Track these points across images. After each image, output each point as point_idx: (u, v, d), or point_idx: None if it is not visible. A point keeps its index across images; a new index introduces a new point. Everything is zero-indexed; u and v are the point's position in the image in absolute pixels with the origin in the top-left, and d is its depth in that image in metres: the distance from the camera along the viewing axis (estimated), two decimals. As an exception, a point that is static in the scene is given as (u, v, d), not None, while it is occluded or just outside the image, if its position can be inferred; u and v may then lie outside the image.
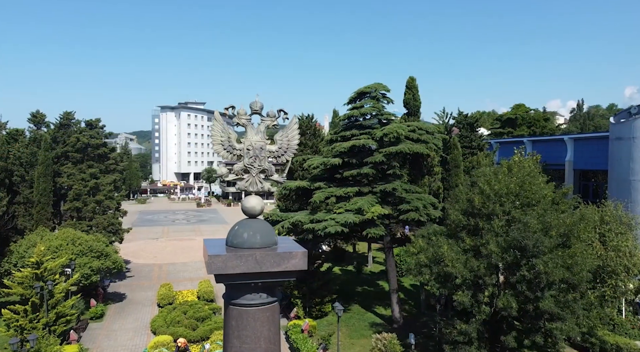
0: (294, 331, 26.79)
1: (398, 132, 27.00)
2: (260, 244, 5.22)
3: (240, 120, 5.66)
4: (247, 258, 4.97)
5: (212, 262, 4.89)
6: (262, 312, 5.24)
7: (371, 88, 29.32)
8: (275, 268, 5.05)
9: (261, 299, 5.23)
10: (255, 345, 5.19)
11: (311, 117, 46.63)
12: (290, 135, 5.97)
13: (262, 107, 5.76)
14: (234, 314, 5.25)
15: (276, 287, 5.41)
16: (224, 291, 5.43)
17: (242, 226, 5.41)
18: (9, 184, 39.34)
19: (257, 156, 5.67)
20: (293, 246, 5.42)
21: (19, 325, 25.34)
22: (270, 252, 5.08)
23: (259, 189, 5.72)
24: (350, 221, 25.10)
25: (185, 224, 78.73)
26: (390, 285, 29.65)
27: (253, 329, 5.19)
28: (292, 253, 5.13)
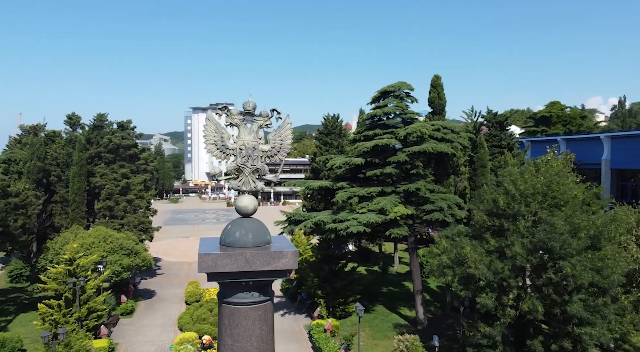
0: (317, 330, 26.85)
1: (421, 131, 26.67)
2: (252, 243, 5.27)
3: (233, 120, 5.74)
4: (237, 257, 5.03)
5: (202, 261, 4.98)
6: (254, 311, 5.29)
7: (394, 87, 29.07)
8: (265, 267, 5.10)
9: (253, 298, 5.29)
10: (247, 343, 5.25)
11: (336, 117, 46.58)
12: (283, 135, 6.00)
13: (254, 107, 5.82)
14: (226, 312, 5.33)
15: (269, 286, 5.46)
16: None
17: (234, 225, 5.49)
18: (47, 183, 41.09)
19: (250, 156, 5.73)
20: (285, 245, 5.45)
21: (54, 319, 26.42)
22: (260, 252, 5.13)
23: (252, 189, 5.78)
24: (372, 221, 24.97)
25: (215, 223, 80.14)
26: (415, 286, 29.32)
27: (245, 327, 5.25)
28: (282, 252, 5.16)
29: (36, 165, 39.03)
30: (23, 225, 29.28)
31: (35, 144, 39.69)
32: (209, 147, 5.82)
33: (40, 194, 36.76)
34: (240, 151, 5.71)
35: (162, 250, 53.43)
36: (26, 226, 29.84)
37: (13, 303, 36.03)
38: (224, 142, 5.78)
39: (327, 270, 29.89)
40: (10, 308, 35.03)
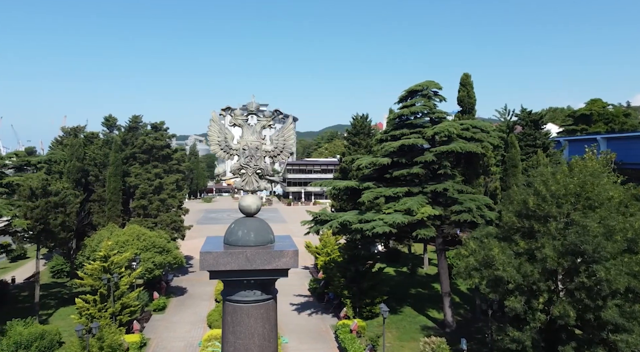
0: (343, 330, 26.83)
1: (449, 130, 26.23)
2: (254, 242, 5.35)
3: (237, 120, 5.84)
4: (238, 255, 5.12)
5: (203, 259, 5.10)
6: (256, 309, 5.37)
7: (422, 86, 28.70)
8: (265, 266, 5.17)
9: (255, 296, 5.37)
10: (249, 341, 5.34)
11: (365, 117, 46.36)
12: (286, 135, 6.06)
13: (258, 107, 5.90)
14: (229, 310, 5.44)
15: (271, 285, 5.53)
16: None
17: (237, 224, 5.59)
18: (85, 183, 42.77)
19: (253, 156, 5.82)
20: (287, 244, 5.51)
21: (90, 313, 27.51)
22: (261, 250, 5.20)
23: (255, 188, 5.87)
24: (398, 221, 24.74)
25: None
26: (443, 288, 28.87)
27: (247, 325, 5.34)
28: (283, 252, 5.22)
29: (75, 165, 40.68)
30: (62, 223, 30.56)
31: (74, 145, 41.37)
32: (212, 147, 5.94)
33: (78, 193, 38.26)
34: (243, 151, 5.80)
35: (195, 248, 54.51)
36: (65, 224, 31.13)
37: (54, 297, 37.68)
38: (227, 142, 5.89)
39: (353, 270, 29.82)
40: (52, 302, 36.66)
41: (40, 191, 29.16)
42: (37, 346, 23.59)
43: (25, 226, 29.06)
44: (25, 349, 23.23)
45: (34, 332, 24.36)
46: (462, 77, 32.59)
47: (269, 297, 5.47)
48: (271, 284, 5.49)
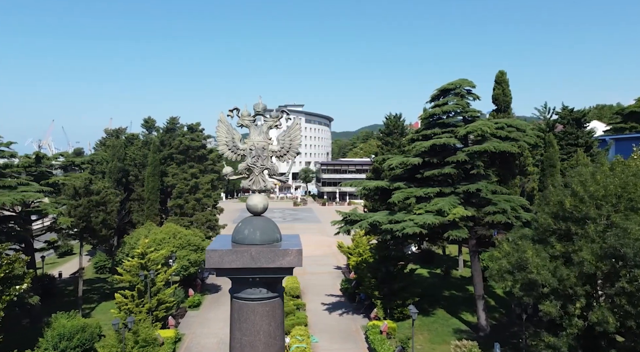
0: (373, 331, 26.69)
1: (483, 129, 25.62)
2: (260, 240, 5.45)
3: (244, 121, 5.94)
4: (243, 254, 5.23)
5: (209, 257, 5.24)
6: (262, 307, 5.47)
7: (455, 84, 28.16)
8: (270, 264, 5.25)
9: (261, 294, 5.46)
10: (254, 338, 5.44)
11: (398, 117, 45.90)
12: (292, 136, 6.12)
13: (264, 108, 5.98)
14: (236, 307, 5.56)
15: (277, 283, 5.61)
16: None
17: (244, 223, 5.70)
18: (126, 182, 44.44)
19: (260, 156, 5.91)
20: (293, 243, 5.57)
21: (128, 308, 28.59)
22: (265, 249, 5.29)
23: (262, 188, 5.97)
24: (429, 222, 24.38)
25: (280, 222, 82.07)
26: (476, 290, 28.23)
27: (252, 322, 5.44)
28: (287, 250, 5.29)
29: (116, 165, 42.34)
30: (103, 220, 31.88)
31: (116, 146, 43.06)
32: (220, 147, 6.08)
33: (119, 192, 39.81)
34: (250, 151, 5.91)
35: (230, 247, 55.75)
36: (106, 222, 32.45)
37: (97, 292, 39.37)
38: (235, 142, 6.01)
39: (384, 271, 29.60)
40: (94, 297, 38.32)
41: (83, 190, 30.53)
42: (78, 338, 24.69)
43: (69, 223, 30.52)
44: (68, 340, 24.35)
45: (76, 325, 25.50)
46: (497, 74, 31.75)
47: (275, 295, 5.56)
48: (277, 282, 5.57)
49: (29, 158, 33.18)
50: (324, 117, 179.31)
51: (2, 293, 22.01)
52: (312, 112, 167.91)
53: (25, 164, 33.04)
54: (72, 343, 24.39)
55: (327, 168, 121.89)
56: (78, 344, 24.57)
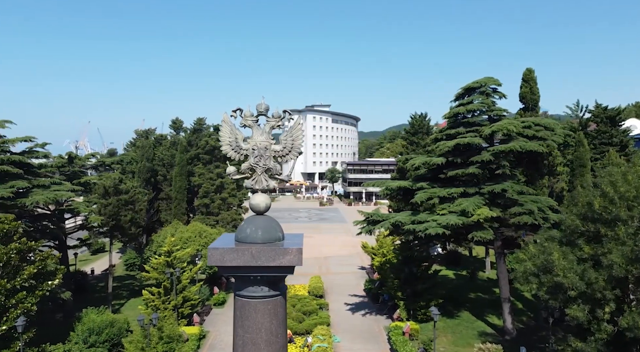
0: (395, 332, 26.49)
1: (509, 129, 25.07)
2: (262, 239, 5.52)
3: (246, 121, 6.03)
4: (244, 252, 5.31)
5: (211, 255, 5.35)
6: (264, 305, 5.54)
7: (480, 83, 27.65)
8: (270, 263, 5.32)
9: (263, 292, 5.53)
10: (256, 335, 5.52)
11: (424, 116, 45.38)
12: (294, 135, 6.16)
13: (267, 108, 6.05)
14: (239, 304, 5.66)
15: (279, 281, 5.66)
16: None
17: (246, 222, 5.79)
18: (154, 182, 45.54)
19: (262, 156, 5.98)
20: (295, 242, 5.62)
21: (154, 305, 29.31)
22: (266, 248, 5.36)
23: (264, 187, 6.04)
24: (452, 223, 24.02)
25: (306, 221, 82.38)
26: (502, 293, 27.65)
27: (254, 320, 5.52)
28: (287, 249, 5.34)
29: (145, 165, 43.44)
30: (132, 219, 32.80)
31: (144, 146, 44.19)
32: (224, 148, 6.18)
33: (147, 191, 40.83)
34: (252, 151, 5.99)
35: (256, 246, 56.31)
36: (134, 220, 33.38)
37: (126, 289, 40.50)
38: (238, 142, 6.11)
39: (407, 272, 29.33)
40: (124, 293, 39.44)
41: (113, 190, 31.47)
42: (107, 333, 25.47)
43: (99, 221, 31.53)
44: (97, 335, 25.15)
45: (105, 320, 26.30)
46: (524, 72, 31.00)
47: (277, 293, 5.62)
48: (279, 280, 5.63)
49: (62, 158, 34.46)
50: (351, 117, 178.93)
51: (35, 288, 22.93)
52: (338, 112, 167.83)
53: (59, 164, 34.32)
54: (101, 338, 25.18)
55: (353, 168, 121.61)
56: (107, 338, 25.35)
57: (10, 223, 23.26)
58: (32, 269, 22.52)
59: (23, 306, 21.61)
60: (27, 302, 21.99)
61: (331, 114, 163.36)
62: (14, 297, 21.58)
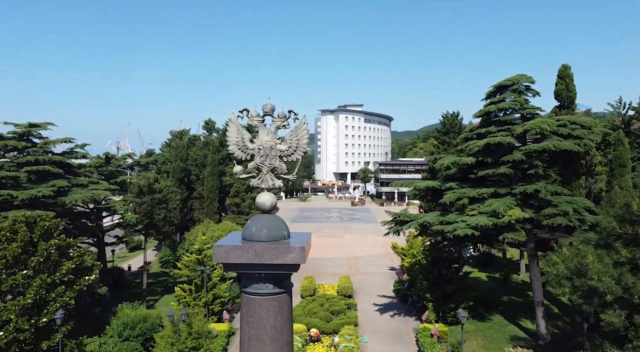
0: (423, 334, 26.17)
1: (542, 127, 24.30)
2: (266, 237, 5.60)
3: (253, 121, 6.13)
4: (248, 250, 5.42)
5: (216, 252, 5.48)
6: (268, 302, 5.62)
7: (512, 80, 26.94)
8: (274, 261, 5.39)
9: (267, 289, 5.62)
10: (260, 331, 5.61)
11: (456, 115, 44.57)
12: (299, 135, 6.21)
13: (273, 108, 6.14)
14: (244, 301, 5.77)
15: (285, 279, 5.73)
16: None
17: (252, 221, 5.89)
18: (188, 181, 46.68)
19: (268, 155, 6.07)
20: (299, 241, 5.68)
21: (186, 301, 30.07)
22: (270, 246, 5.44)
23: (270, 186, 6.13)
24: (481, 224, 23.49)
25: (338, 221, 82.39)
26: (535, 296, 26.83)
27: (259, 316, 5.61)
28: (290, 247, 5.41)
29: (179, 165, 44.59)
30: (165, 217, 33.77)
31: (178, 147, 45.36)
32: (231, 147, 6.31)
33: (181, 191, 41.90)
34: (258, 151, 6.09)
35: (286, 245, 56.71)
36: (167, 218, 34.34)
37: (160, 285, 41.70)
38: (244, 142, 6.22)
39: (436, 273, 28.90)
40: (158, 289, 40.63)
41: (147, 189, 32.48)
42: (140, 327, 26.32)
43: (134, 219, 32.61)
44: (131, 329, 26.04)
45: (139, 315, 27.19)
46: (560, 69, 29.94)
47: (282, 291, 5.69)
48: (284, 278, 5.70)
49: (100, 159, 35.85)
50: (384, 117, 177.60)
51: (73, 283, 23.94)
52: (371, 112, 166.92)
53: (97, 164, 35.73)
54: (135, 332, 26.04)
55: (385, 168, 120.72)
56: (140, 333, 26.20)
57: (51, 220, 24.36)
58: (70, 265, 23.51)
59: (62, 300, 22.60)
60: (66, 296, 22.97)
61: (364, 113, 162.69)
62: (53, 291, 22.60)
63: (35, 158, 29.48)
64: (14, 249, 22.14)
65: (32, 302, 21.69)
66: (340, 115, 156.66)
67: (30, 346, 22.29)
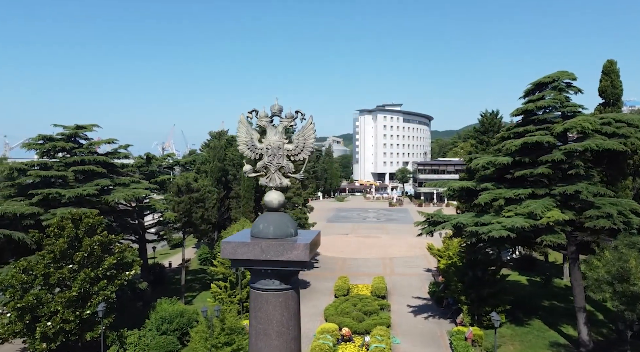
0: (457, 337, 25.69)
1: (583, 125, 23.31)
2: (273, 234, 5.75)
3: (261, 122, 6.29)
4: (254, 246, 5.58)
5: (224, 248, 5.68)
6: (275, 297, 5.77)
7: (552, 77, 25.99)
8: (278, 257, 5.53)
9: (274, 285, 5.76)
10: (267, 326, 5.76)
11: (495, 114, 43.38)
12: (306, 135, 6.33)
13: (280, 109, 6.27)
14: (253, 296, 5.94)
15: (291, 276, 5.85)
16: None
17: (260, 218, 6.06)
18: (225, 181, 47.74)
19: (275, 154, 6.22)
20: (305, 238, 5.79)
21: (221, 298, 30.81)
22: (275, 242, 5.58)
23: (277, 185, 6.27)
24: (518, 225, 22.78)
25: (374, 222, 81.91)
26: (576, 302, 25.75)
27: (266, 311, 5.77)
28: (295, 244, 5.52)
29: (217, 165, 45.69)
30: (202, 216, 34.72)
31: (216, 147, 46.48)
32: (240, 147, 6.49)
33: (218, 190, 42.92)
34: (266, 150, 6.25)
35: (323, 245, 56.90)
36: (205, 217, 35.27)
37: (199, 282, 42.87)
38: (253, 142, 6.39)
39: (471, 275, 28.27)
40: (196, 286, 41.79)
41: (185, 188, 33.51)
42: (177, 322, 27.22)
43: (173, 218, 33.71)
44: (168, 323, 26.97)
45: (176, 310, 28.13)
46: (605, 64, 28.58)
47: (288, 287, 5.82)
48: (290, 275, 5.82)
49: (142, 159, 37.30)
50: (423, 116, 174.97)
51: (114, 277, 25.08)
52: (410, 112, 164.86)
53: (139, 164, 37.20)
54: (172, 326, 26.95)
55: (424, 168, 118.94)
56: (177, 327, 27.09)
57: (94, 218, 25.63)
58: (112, 260, 24.65)
59: (104, 293, 23.73)
60: (108, 290, 24.11)
61: (402, 113, 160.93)
62: (96, 285, 23.77)
63: (81, 158, 31.03)
64: (61, 245, 23.44)
65: (77, 295, 22.91)
66: (378, 115, 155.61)
67: (76, 337, 23.54)
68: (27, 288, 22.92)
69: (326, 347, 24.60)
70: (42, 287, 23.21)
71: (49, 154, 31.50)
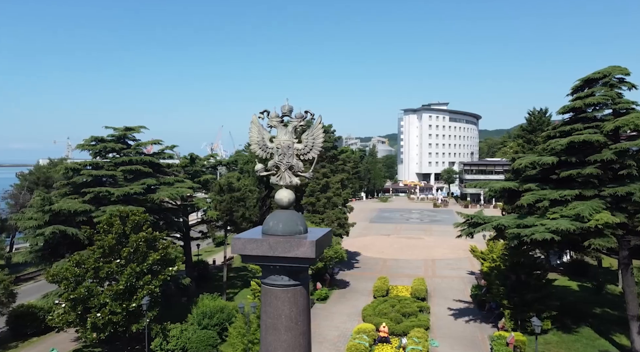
0: (498, 342, 24.89)
1: (636, 123, 22.02)
2: (282, 231, 5.87)
3: (272, 122, 6.43)
4: (262, 243, 5.72)
5: (234, 244, 5.86)
6: (284, 293, 5.89)
7: (603, 73, 24.67)
8: (286, 254, 5.64)
9: (283, 281, 5.88)
10: (276, 320, 5.90)
11: (544, 112, 41.65)
12: (315, 134, 6.40)
13: (291, 109, 6.38)
14: (263, 291, 6.09)
15: (301, 273, 5.95)
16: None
17: (271, 216, 6.19)
18: (266, 180, 48.57)
19: (285, 154, 6.34)
20: (313, 236, 5.86)
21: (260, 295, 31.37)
22: (283, 239, 5.69)
23: (287, 183, 6.39)
24: (563, 228, 21.80)
25: (417, 223, 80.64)
26: (629, 310, 24.32)
27: (275, 306, 5.90)
28: (301, 242, 5.62)
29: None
30: (243, 214, 35.52)
31: (258, 148, 47.37)
32: (252, 146, 6.65)
33: (260, 189, 43.73)
34: (277, 150, 6.38)
35: (364, 246, 56.80)
36: (246, 215, 36.07)
37: (241, 279, 43.90)
38: (264, 142, 6.54)
39: (514, 279, 27.30)
40: (238, 283, 42.83)
41: (226, 187, 34.41)
42: (217, 317, 28.04)
43: (215, 216, 34.72)
44: (209, 318, 27.83)
45: (217, 306, 28.97)
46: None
47: (297, 283, 5.92)
48: (299, 271, 5.91)
49: (186, 159, 38.65)
50: (470, 115, 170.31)
51: (159, 273, 26.17)
52: (456, 110, 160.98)
53: (183, 164, 38.57)
54: (212, 321, 27.79)
55: (470, 168, 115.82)
56: (217, 322, 27.91)
57: (140, 215, 26.83)
58: (156, 256, 25.72)
59: (148, 288, 24.80)
60: (152, 284, 25.18)
61: (448, 112, 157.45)
62: (142, 280, 24.89)
63: (129, 158, 32.58)
64: (110, 240, 24.75)
65: (123, 288, 24.09)
66: (423, 115, 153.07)
67: (123, 328, 24.76)
68: (79, 281, 24.36)
69: (362, 348, 24.54)
70: (92, 280, 24.59)
71: (100, 155, 33.29)
